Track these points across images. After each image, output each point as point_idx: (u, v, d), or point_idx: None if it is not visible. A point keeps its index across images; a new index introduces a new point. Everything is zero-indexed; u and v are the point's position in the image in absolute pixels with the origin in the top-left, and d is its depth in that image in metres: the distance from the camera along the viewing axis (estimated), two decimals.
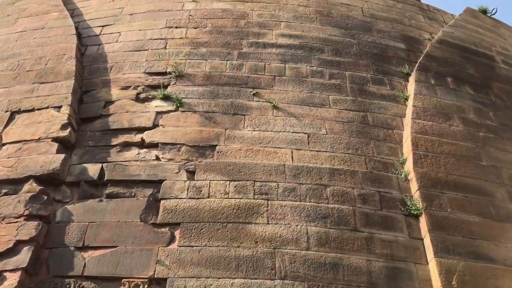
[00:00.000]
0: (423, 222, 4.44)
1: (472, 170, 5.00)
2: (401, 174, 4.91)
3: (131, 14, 6.92)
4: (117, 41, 6.42)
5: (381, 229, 4.38)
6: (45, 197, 4.43)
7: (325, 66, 6.08)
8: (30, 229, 4.14)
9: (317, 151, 5.00)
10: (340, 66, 6.12)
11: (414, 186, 4.75)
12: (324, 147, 5.05)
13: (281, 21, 6.73)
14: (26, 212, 4.27)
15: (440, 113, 5.59)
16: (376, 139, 5.24)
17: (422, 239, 4.36)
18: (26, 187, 4.50)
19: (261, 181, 4.62)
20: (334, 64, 6.13)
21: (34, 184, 4.51)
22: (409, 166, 4.95)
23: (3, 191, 4.50)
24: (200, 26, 6.56)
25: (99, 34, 6.62)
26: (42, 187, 4.49)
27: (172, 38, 6.36)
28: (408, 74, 6.19)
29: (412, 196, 4.70)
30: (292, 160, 4.87)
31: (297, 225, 4.28)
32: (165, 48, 6.21)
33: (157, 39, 6.36)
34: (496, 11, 8.37)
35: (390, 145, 5.24)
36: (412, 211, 4.52)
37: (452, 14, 8.02)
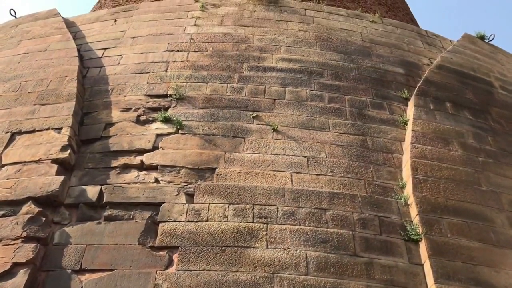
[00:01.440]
0: (423, 248, 4.41)
1: (472, 195, 5.00)
2: (400, 199, 4.90)
3: (133, 37, 7.01)
4: (118, 63, 6.49)
5: (381, 254, 4.35)
6: (44, 219, 4.41)
7: (324, 90, 6.13)
8: (27, 251, 4.11)
9: (316, 174, 5.00)
10: (339, 90, 6.17)
11: (413, 211, 4.74)
12: (324, 171, 5.05)
13: (281, 46, 6.81)
14: (24, 234, 4.25)
15: (439, 138, 5.61)
16: (376, 163, 5.25)
17: (422, 265, 4.33)
18: (25, 208, 4.49)
19: (261, 205, 4.61)
20: (334, 88, 6.18)
21: (33, 206, 4.49)
22: (408, 190, 4.95)
23: (1, 212, 4.48)
24: (202, 50, 6.63)
25: (101, 57, 6.69)
26: (41, 209, 4.47)
27: (173, 61, 6.42)
28: (407, 99, 6.24)
29: (412, 221, 4.68)
30: (292, 183, 4.86)
31: (296, 250, 4.26)
32: (166, 71, 6.27)
33: (159, 62, 6.43)
34: (494, 37, 8.47)
35: (390, 169, 5.24)
36: (412, 236, 4.50)
37: (450, 40, 8.12)
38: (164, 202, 4.63)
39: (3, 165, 5.00)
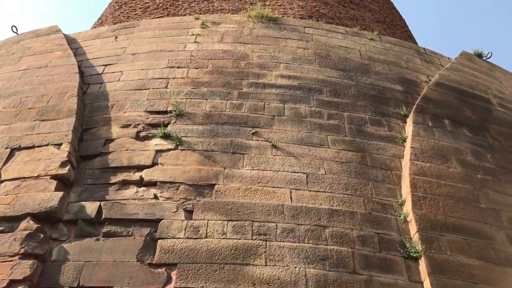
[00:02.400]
0: (422, 265, 4.39)
1: (471, 212, 4.99)
2: (400, 216, 4.89)
3: (134, 53, 7.06)
4: (119, 80, 6.53)
5: (381, 271, 4.33)
6: (42, 235, 4.39)
7: (323, 107, 6.16)
8: (24, 268, 4.09)
9: (316, 191, 5.00)
10: (338, 107, 6.20)
11: (413, 228, 4.73)
12: (323, 188, 5.05)
13: (280, 63, 6.85)
14: (22, 251, 4.23)
15: (438, 155, 5.62)
16: (375, 180, 5.25)
17: (422, 283, 4.30)
18: (23, 224, 4.47)
19: (260, 222, 4.60)
20: (333, 105, 6.21)
21: (31, 222, 4.48)
22: (408, 207, 4.94)
23: (0, 228, 4.47)
24: (201, 67, 6.68)
25: (102, 73, 6.73)
26: (39, 225, 4.46)
27: (173, 78, 6.46)
28: (406, 116, 6.27)
29: (411, 238, 4.67)
30: (291, 200, 4.86)
31: (295, 267, 4.23)
32: (166, 87, 6.30)
33: (159, 78, 6.47)
34: (491, 55, 8.55)
35: (389, 186, 5.24)
36: (411, 254, 4.48)
37: (448, 58, 8.19)
38: (163, 219, 4.61)
39: (2, 181, 5.00)
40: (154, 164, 5.20)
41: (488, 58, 8.57)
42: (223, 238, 4.43)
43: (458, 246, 4.59)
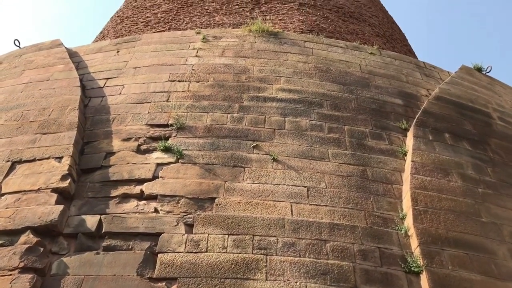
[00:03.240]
0: (424, 280, 4.36)
1: (473, 226, 4.97)
2: (401, 230, 4.88)
3: (135, 67, 7.10)
4: (120, 93, 6.55)
5: (382, 286, 4.30)
6: (42, 249, 4.37)
7: (324, 120, 6.17)
8: (24, 282, 4.07)
9: (316, 205, 4.99)
10: (339, 120, 6.21)
11: (414, 242, 4.71)
12: (324, 201, 5.04)
13: (281, 76, 6.89)
14: (21, 265, 4.21)
15: (438, 169, 5.62)
16: (376, 194, 5.25)
17: None
18: (23, 238, 4.46)
19: (260, 236, 4.59)
20: (333, 119, 6.23)
21: (31, 236, 4.47)
22: (409, 221, 4.93)
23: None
24: (203, 80, 6.71)
25: (103, 86, 6.76)
26: (39, 239, 4.45)
27: (174, 91, 6.49)
28: (406, 130, 6.28)
29: (413, 253, 4.65)
30: (292, 214, 4.85)
31: (296, 282, 4.21)
32: (167, 100, 6.32)
33: (160, 92, 6.49)
34: (491, 69, 8.58)
35: (390, 200, 5.23)
36: (413, 268, 4.46)
37: (448, 72, 8.22)
38: (163, 233, 4.60)
39: (3, 194, 4.99)
40: (154, 177, 5.20)
41: (488, 72, 8.61)
42: (224, 252, 4.41)
43: (460, 260, 4.57)
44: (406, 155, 5.83)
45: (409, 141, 6.02)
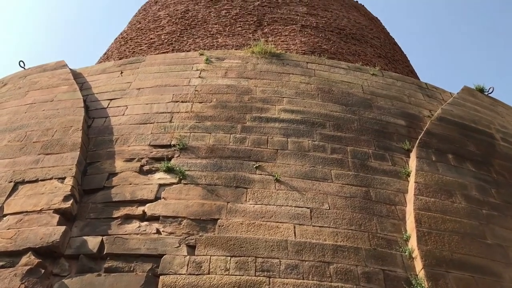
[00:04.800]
0: None
1: (478, 248, 4.92)
2: (405, 252, 4.83)
3: (139, 88, 7.14)
4: (123, 114, 6.58)
5: None
6: (43, 271, 4.34)
7: (327, 141, 6.17)
8: None
9: (320, 226, 4.95)
10: (341, 141, 6.21)
11: (418, 265, 4.66)
12: (327, 223, 5.00)
13: (283, 97, 6.91)
14: (22, 287, 4.17)
15: (442, 190, 5.59)
16: (379, 215, 5.21)
17: None
18: (24, 259, 4.43)
19: (263, 257, 4.54)
20: (336, 139, 6.22)
21: (32, 257, 4.43)
22: (413, 243, 4.88)
23: (1, 263, 4.42)
24: (206, 101, 6.74)
25: (107, 107, 6.80)
26: (40, 260, 4.41)
27: (177, 112, 6.51)
28: (409, 150, 6.27)
29: (417, 275, 4.59)
30: (295, 235, 4.81)
31: None
32: (170, 121, 6.34)
33: (163, 112, 6.52)
34: (493, 90, 8.60)
35: (394, 221, 5.19)
36: None
37: (450, 93, 8.24)
38: (165, 254, 4.56)
39: (5, 215, 4.98)
40: (157, 198, 5.18)
41: (490, 93, 8.62)
42: (226, 274, 4.37)
43: (465, 283, 4.51)
44: (409, 176, 5.81)
45: (412, 162, 6.01)
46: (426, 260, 4.63)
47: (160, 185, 5.34)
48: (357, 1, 14.23)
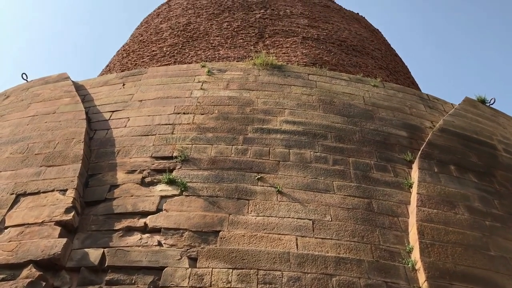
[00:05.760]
0: None
1: (481, 260, 4.88)
2: (408, 264, 4.80)
3: (141, 100, 7.16)
4: (125, 126, 6.59)
5: None
6: (44, 283, 4.32)
7: (328, 152, 6.16)
8: None
9: (322, 238, 4.93)
10: (343, 152, 6.20)
11: (421, 277, 4.62)
12: (329, 235, 4.98)
13: (285, 109, 6.92)
14: None
15: (445, 201, 5.57)
16: (382, 227, 5.19)
17: None
18: (25, 272, 4.41)
19: (265, 270, 4.52)
20: (338, 151, 6.22)
21: (34, 270, 4.42)
22: (416, 255, 4.85)
23: (1, 276, 4.40)
24: (207, 113, 6.75)
25: (109, 119, 6.81)
26: (41, 273, 4.40)
27: (179, 124, 6.52)
28: (411, 162, 6.25)
29: (420, 287, 4.55)
30: (297, 247, 4.79)
31: None
32: (172, 133, 6.35)
33: (165, 124, 6.53)
34: (495, 101, 8.59)
35: (396, 233, 5.17)
36: None
37: (452, 104, 8.24)
38: (166, 266, 4.54)
39: (6, 227, 4.97)
40: (158, 210, 5.17)
41: (492, 104, 8.62)
42: (228, 287, 4.34)
43: None
44: (411, 187, 5.79)
45: (414, 173, 5.99)
46: (429, 272, 4.60)
47: (162, 197, 5.33)
48: (357, 13, 14.32)
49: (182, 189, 5.41)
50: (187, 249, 4.71)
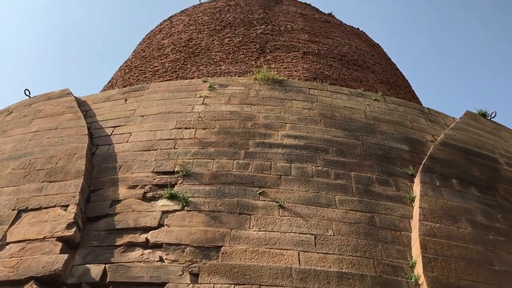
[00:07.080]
0: None
1: (485, 275, 4.84)
2: (411, 279, 4.76)
3: (143, 115, 7.19)
4: (127, 141, 6.61)
5: None
6: None
7: (330, 166, 6.16)
8: None
9: (324, 253, 4.90)
10: (345, 166, 6.20)
11: None
12: (332, 249, 4.95)
13: (286, 123, 6.94)
14: None
15: (447, 215, 5.54)
16: (384, 241, 5.16)
17: None
18: None
19: (267, 285, 4.48)
20: (339, 165, 6.21)
21: (35, 286, 4.39)
22: (419, 270, 4.81)
23: None
24: (209, 127, 6.77)
25: (110, 134, 6.84)
26: None
27: (181, 138, 6.53)
28: (413, 175, 6.24)
29: None
30: (299, 262, 4.76)
31: None
32: (174, 148, 6.36)
33: (167, 139, 6.54)
34: (496, 115, 8.61)
35: (399, 247, 5.14)
36: None
37: (453, 117, 8.25)
38: (168, 282, 4.51)
39: (8, 243, 4.96)
40: (160, 225, 5.16)
41: (493, 117, 8.62)
42: None
43: None
44: (414, 201, 5.77)
45: (416, 187, 5.97)
46: (433, 287, 4.56)
47: (163, 212, 5.32)
48: (358, 28, 14.43)
49: (184, 204, 5.40)
50: (189, 265, 4.69)
